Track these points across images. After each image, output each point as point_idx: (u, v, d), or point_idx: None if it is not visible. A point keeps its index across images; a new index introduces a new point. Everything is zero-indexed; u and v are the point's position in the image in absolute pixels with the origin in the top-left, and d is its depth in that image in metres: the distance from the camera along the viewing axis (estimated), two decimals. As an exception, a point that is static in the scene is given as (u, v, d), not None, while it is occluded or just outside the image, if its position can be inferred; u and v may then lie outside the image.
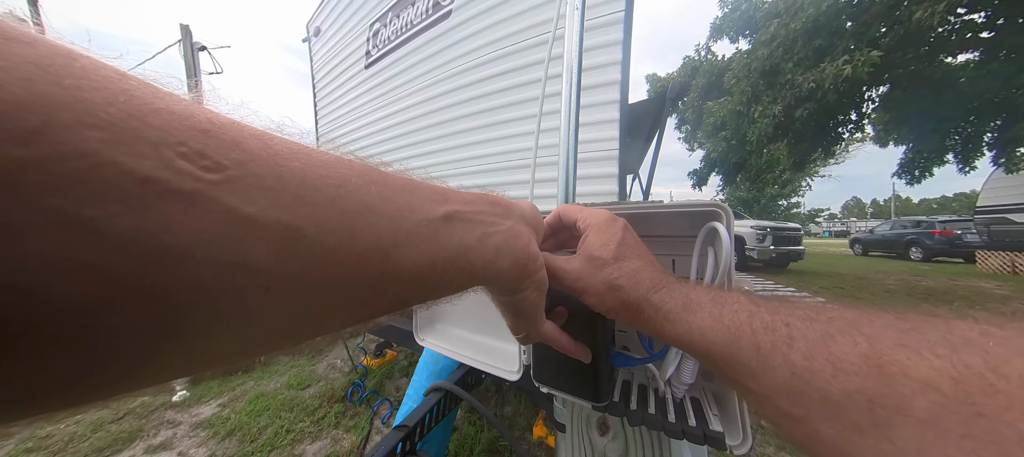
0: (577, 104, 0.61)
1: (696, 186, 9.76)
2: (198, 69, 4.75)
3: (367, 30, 2.17)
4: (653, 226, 0.48)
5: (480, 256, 0.22)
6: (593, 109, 1.28)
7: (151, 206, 0.09)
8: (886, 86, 6.33)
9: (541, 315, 0.29)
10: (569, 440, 0.53)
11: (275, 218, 0.11)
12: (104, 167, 0.08)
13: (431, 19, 1.72)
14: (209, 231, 0.10)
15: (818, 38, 5.79)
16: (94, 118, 0.08)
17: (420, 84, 1.82)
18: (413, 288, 0.18)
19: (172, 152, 0.09)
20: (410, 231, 0.17)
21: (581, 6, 0.60)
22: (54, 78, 0.08)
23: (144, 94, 0.10)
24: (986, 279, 7.19)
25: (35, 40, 0.08)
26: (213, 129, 0.11)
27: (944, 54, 5.73)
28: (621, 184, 1.31)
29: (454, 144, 1.70)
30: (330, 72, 2.63)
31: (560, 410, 0.54)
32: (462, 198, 0.23)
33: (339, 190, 0.14)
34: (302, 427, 1.85)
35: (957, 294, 5.55)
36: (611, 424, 0.50)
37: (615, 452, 0.49)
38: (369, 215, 0.15)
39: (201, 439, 1.78)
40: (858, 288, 6.06)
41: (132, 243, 0.08)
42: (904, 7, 5.04)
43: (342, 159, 0.16)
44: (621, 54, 1.25)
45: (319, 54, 2.76)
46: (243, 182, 0.11)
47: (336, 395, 2.20)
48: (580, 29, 0.60)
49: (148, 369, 0.10)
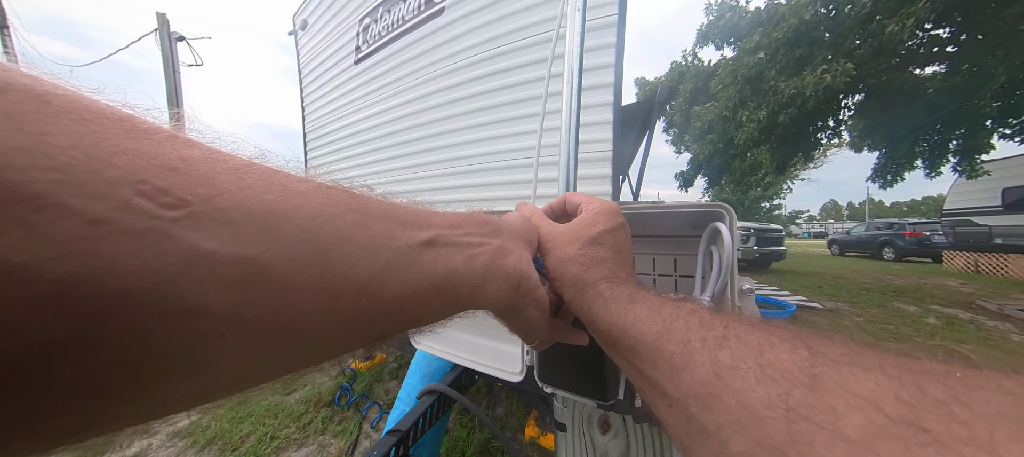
0: (578, 104, 0.61)
1: (682, 187, 9.99)
2: (176, 61, 4.55)
3: (356, 25, 2.12)
4: (657, 226, 0.49)
5: (467, 280, 0.21)
6: (589, 110, 1.28)
7: (96, 248, 0.08)
8: (861, 95, 6.65)
9: (547, 327, 0.28)
10: (570, 440, 0.53)
11: (239, 253, 0.11)
12: (49, 210, 0.08)
13: (424, 16, 1.70)
14: (161, 272, 0.09)
15: (799, 48, 6.04)
16: (50, 161, 0.08)
17: (412, 82, 1.79)
18: (394, 320, 0.17)
19: (131, 191, 0.09)
20: (389, 260, 0.16)
21: (582, 7, 0.60)
22: (16, 125, 0.08)
23: (114, 133, 0.09)
24: (952, 277, 7.61)
25: (7, 87, 0.08)
26: (183, 166, 0.10)
27: (913, 66, 6.06)
28: (615, 184, 1.32)
29: (447, 143, 1.68)
30: (318, 67, 2.56)
31: (561, 410, 0.53)
32: (446, 221, 0.21)
33: (313, 221, 0.13)
34: (287, 434, 1.79)
35: (926, 291, 5.86)
36: (613, 422, 0.49)
37: (616, 450, 0.49)
38: (344, 245, 0.14)
39: (179, 449, 1.70)
40: (835, 287, 6.31)
41: (66, 291, 0.08)
42: (877, 20, 5.31)
43: (321, 187, 0.15)
44: (615, 57, 1.26)
45: (306, 48, 2.68)
46: (207, 217, 0.10)
47: (323, 400, 2.14)
48: (581, 30, 0.60)
49: (81, 424, 0.09)
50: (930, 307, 4.80)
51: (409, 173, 1.84)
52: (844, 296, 5.54)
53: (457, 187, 1.65)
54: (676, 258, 0.48)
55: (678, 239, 0.48)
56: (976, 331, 3.70)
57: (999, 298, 5.10)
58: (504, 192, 1.49)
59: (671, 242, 0.48)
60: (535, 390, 1.17)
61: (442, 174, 1.71)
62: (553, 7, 1.36)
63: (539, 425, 1.63)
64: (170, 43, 4.51)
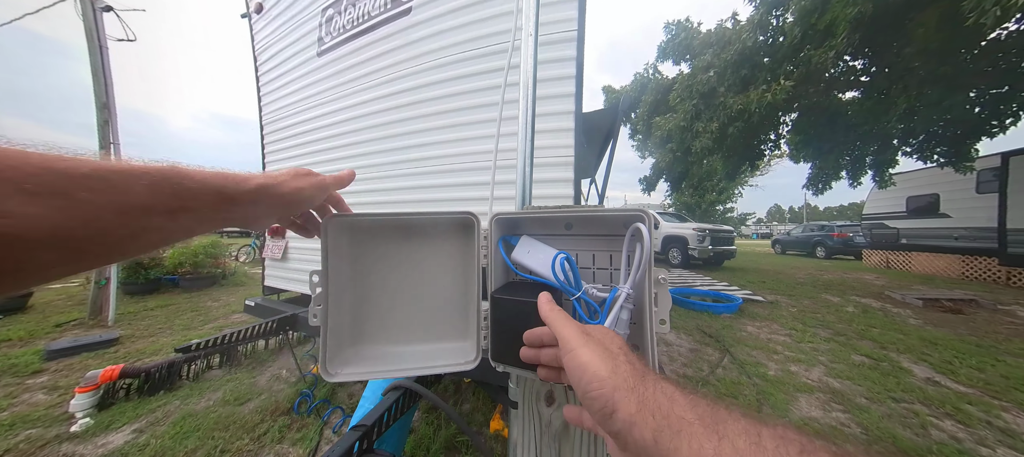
0: (533, 112, 0.66)
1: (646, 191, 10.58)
2: (102, 34, 4.02)
3: (319, 14, 2.05)
4: (599, 226, 0.55)
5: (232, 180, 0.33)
6: (550, 117, 1.36)
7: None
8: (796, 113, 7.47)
9: None
10: (521, 415, 0.58)
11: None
12: None
13: (390, 13, 1.69)
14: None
15: (743, 69, 6.68)
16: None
17: (377, 79, 1.77)
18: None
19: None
20: None
21: (535, 20, 0.66)
22: None
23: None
24: (869, 272, 8.80)
25: None
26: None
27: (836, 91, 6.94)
28: (577, 188, 1.40)
29: (409, 144, 1.68)
30: (276, 56, 2.43)
31: (514, 390, 0.58)
32: None
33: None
34: (240, 446, 1.68)
35: (848, 284, 6.73)
36: (557, 395, 0.55)
37: (559, 420, 0.55)
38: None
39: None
40: (776, 282, 7.03)
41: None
42: (806, 50, 6.03)
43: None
44: (575, 68, 1.34)
45: (262, 34, 2.53)
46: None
47: (281, 408, 2.03)
48: (535, 44, 0.66)
49: None
50: (850, 298, 5.52)
51: (372, 172, 1.81)
52: (783, 290, 6.19)
53: (418, 187, 1.65)
54: (611, 254, 0.55)
55: (615, 237, 0.55)
56: (883, 317, 4.31)
57: (903, 289, 5.99)
58: (469, 193, 1.53)
59: (610, 240, 0.55)
60: (496, 380, 1.21)
61: (408, 174, 1.71)
62: (512, 20, 1.41)
63: (503, 418, 1.68)
64: (94, 12, 3.97)
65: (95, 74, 3.98)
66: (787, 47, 6.21)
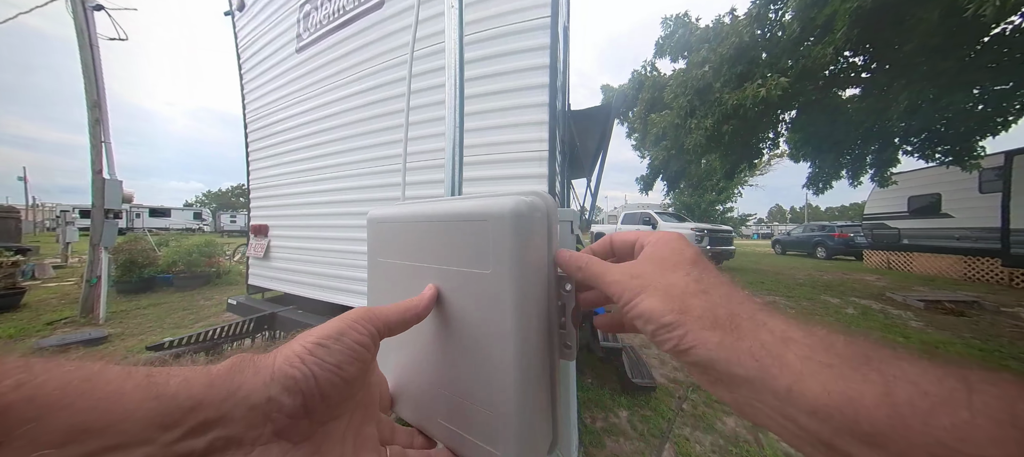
0: (461, 107, 0.63)
1: (643, 190, 10.49)
2: (93, 32, 4.02)
3: (297, 10, 2.02)
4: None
5: None
6: (522, 110, 1.31)
7: None
8: (795, 111, 7.38)
9: None
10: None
11: None
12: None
13: (364, 7, 1.66)
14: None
15: (740, 65, 6.60)
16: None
17: (353, 75, 1.74)
18: None
19: None
20: None
21: (458, 6, 0.62)
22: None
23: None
24: (870, 273, 8.68)
25: None
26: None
27: (836, 88, 6.84)
28: (563, 184, 1.35)
29: (375, 141, 1.65)
30: (258, 52, 2.40)
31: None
32: None
33: None
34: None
35: (848, 285, 6.63)
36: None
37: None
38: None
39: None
40: (775, 282, 6.95)
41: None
42: (805, 45, 5.94)
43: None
44: (549, 58, 1.29)
45: (245, 30, 2.50)
46: None
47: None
48: (459, 38, 0.62)
49: None
50: (850, 299, 5.43)
51: (350, 169, 1.78)
52: (781, 291, 6.11)
53: (386, 185, 1.61)
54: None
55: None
56: (884, 319, 4.24)
57: (904, 290, 5.90)
58: (423, 191, 1.48)
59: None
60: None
61: (372, 172, 1.67)
62: (439, 22, 1.36)
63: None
64: (86, 12, 3.98)
65: (86, 72, 3.98)
66: (786, 41, 6.13)
